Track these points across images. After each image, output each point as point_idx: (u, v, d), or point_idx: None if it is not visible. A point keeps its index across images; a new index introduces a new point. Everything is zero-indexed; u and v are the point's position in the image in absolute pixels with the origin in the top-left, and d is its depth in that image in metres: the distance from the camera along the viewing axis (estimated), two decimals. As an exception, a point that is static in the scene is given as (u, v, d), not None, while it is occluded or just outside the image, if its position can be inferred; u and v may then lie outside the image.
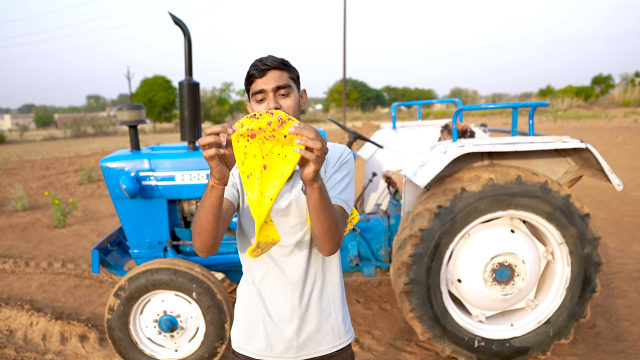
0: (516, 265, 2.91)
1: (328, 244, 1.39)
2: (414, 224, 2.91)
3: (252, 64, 1.48)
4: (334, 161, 1.56)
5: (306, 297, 1.56)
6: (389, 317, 3.75)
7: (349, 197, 1.51)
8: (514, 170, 2.87)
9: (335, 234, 1.36)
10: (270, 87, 1.44)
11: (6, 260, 5.56)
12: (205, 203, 1.29)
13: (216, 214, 1.31)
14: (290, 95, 1.47)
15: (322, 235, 1.36)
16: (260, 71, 1.44)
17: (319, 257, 1.58)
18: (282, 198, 1.52)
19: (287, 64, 1.48)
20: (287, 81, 1.46)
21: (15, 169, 15.90)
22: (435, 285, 2.93)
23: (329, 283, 1.60)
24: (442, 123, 4.39)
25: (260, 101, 1.47)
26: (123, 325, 2.94)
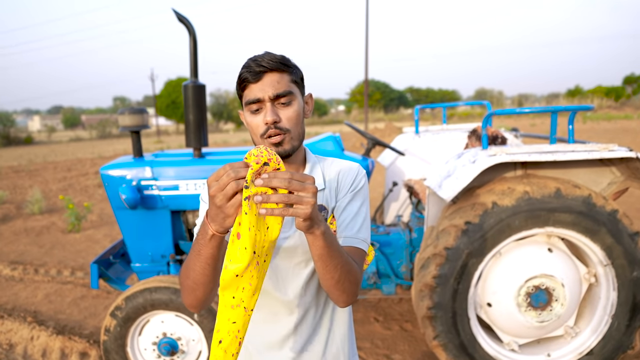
0: (554, 289, 2.58)
1: (342, 296, 1.13)
2: (438, 242, 2.61)
3: (244, 64, 1.20)
4: (346, 187, 1.27)
5: (310, 347, 1.29)
6: (410, 339, 3.45)
7: (367, 234, 1.24)
8: (552, 182, 2.54)
9: (348, 284, 1.10)
10: (267, 96, 1.16)
11: (16, 266, 5.44)
12: (202, 255, 1.01)
13: (216, 266, 1.03)
14: (292, 103, 1.20)
15: (333, 287, 1.10)
16: (254, 74, 1.16)
17: (328, 301, 1.31)
18: (284, 229, 1.25)
19: (288, 63, 1.20)
20: (287, 87, 1.18)
21: (38, 170, 16.04)
22: (462, 310, 2.63)
23: (337, 328, 1.32)
24: (468, 127, 4.07)
25: (255, 112, 1.19)
26: (120, 348, 2.71)
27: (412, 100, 63.82)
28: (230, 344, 1.00)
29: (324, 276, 1.07)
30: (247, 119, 1.22)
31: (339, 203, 1.26)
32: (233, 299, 0.98)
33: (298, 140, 1.23)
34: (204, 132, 3.04)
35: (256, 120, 1.19)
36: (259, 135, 1.20)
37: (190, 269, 1.05)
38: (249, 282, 0.97)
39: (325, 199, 1.27)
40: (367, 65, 23.82)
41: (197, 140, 3.00)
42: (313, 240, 1.01)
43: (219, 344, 1.00)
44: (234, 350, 1.01)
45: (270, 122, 1.17)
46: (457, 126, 4.20)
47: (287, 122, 1.19)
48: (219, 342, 0.99)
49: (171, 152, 3.30)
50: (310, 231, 0.98)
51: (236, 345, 1.00)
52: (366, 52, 23.62)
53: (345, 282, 1.09)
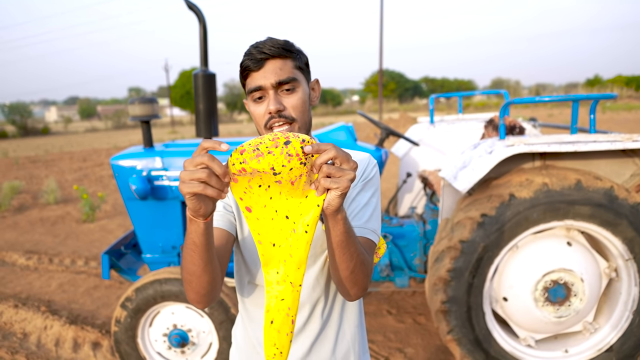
0: (573, 284, 2.50)
1: (354, 289, 1.08)
2: (453, 234, 2.55)
3: (246, 51, 1.15)
4: (357, 177, 1.22)
5: (319, 345, 1.24)
6: (423, 333, 3.39)
7: (377, 225, 1.19)
8: (573, 174, 2.46)
9: (361, 276, 1.06)
10: (270, 83, 1.11)
11: (31, 256, 5.48)
12: (187, 241, 0.97)
13: (203, 254, 0.97)
14: (297, 90, 1.14)
15: (346, 279, 1.05)
16: (255, 62, 1.11)
17: (337, 297, 1.26)
18: None
19: (291, 48, 1.15)
20: (291, 73, 1.13)
21: (54, 160, 16.21)
22: (477, 305, 2.56)
23: (347, 325, 1.27)
24: (485, 117, 3.98)
25: (258, 100, 1.15)
26: (130, 339, 2.70)
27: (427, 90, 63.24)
28: (283, 323, 0.96)
29: (339, 266, 1.03)
30: (250, 108, 1.18)
31: (348, 193, 1.21)
32: (277, 274, 0.96)
33: (305, 129, 1.18)
34: (214, 122, 2.99)
35: (259, 109, 1.15)
36: (263, 126, 1.15)
37: (183, 258, 1.01)
38: (289, 253, 0.95)
39: None
40: (381, 54, 23.59)
41: (208, 130, 2.96)
42: (334, 225, 0.96)
43: (270, 325, 0.96)
44: (288, 329, 0.97)
45: (274, 111, 1.12)
46: (473, 116, 4.10)
47: (292, 110, 1.14)
48: (271, 322, 0.96)
49: (182, 142, 3.27)
50: (336, 214, 0.94)
51: (289, 323, 0.97)
52: (380, 42, 23.39)
53: (359, 273, 1.05)
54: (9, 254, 5.60)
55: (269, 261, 0.96)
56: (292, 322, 0.97)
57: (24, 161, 16.29)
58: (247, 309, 1.27)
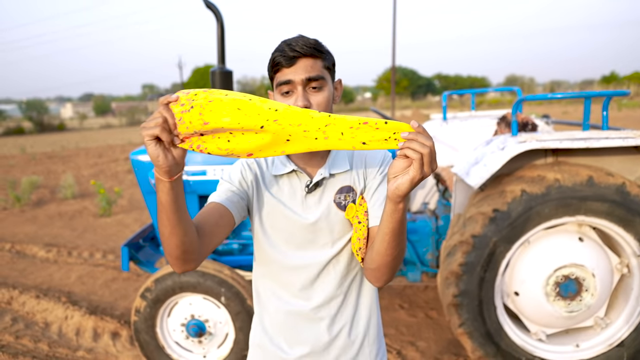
0: (584, 279, 2.53)
1: (387, 275, 1.17)
2: (465, 229, 2.59)
3: (278, 47, 1.21)
4: (374, 169, 1.29)
5: (334, 332, 1.30)
6: (435, 327, 3.44)
7: None
8: (585, 170, 2.48)
9: (397, 264, 1.15)
10: (300, 79, 1.18)
11: (51, 249, 5.62)
12: (157, 200, 1.03)
13: (170, 215, 1.02)
14: (324, 89, 1.21)
15: (387, 265, 1.14)
16: (288, 59, 1.17)
17: (354, 283, 1.32)
18: (310, 210, 1.26)
19: (321, 49, 1.21)
20: (320, 72, 1.20)
21: (70, 156, 16.46)
22: (488, 298, 2.60)
23: (362, 313, 1.33)
24: (497, 114, 4.00)
25: (286, 94, 1.21)
26: (149, 328, 2.78)
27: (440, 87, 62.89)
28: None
29: (385, 251, 1.10)
30: (277, 100, 1.23)
31: (368, 185, 1.28)
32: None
33: None
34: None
35: (287, 102, 1.20)
36: None
37: (159, 225, 1.06)
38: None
39: (352, 181, 1.29)
40: (394, 51, 23.54)
41: (225, 126, 3.03)
42: (393, 211, 1.04)
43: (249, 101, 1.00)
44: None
45: (301, 107, 1.17)
46: (486, 113, 4.12)
47: (317, 107, 1.20)
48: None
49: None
50: (399, 201, 1.02)
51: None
52: (393, 38, 23.33)
53: (398, 261, 1.13)
54: (29, 247, 5.75)
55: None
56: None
57: (41, 157, 16.58)
58: (260, 300, 1.35)
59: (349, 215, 1.25)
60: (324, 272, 1.28)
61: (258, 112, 0.97)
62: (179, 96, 0.99)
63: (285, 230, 1.27)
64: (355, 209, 1.25)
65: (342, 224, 1.27)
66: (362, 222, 1.23)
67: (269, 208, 1.27)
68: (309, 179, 1.27)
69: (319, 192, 1.27)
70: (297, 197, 1.27)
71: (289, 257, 1.28)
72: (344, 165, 1.28)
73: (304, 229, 1.26)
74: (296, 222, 1.26)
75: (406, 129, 0.98)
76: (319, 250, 1.27)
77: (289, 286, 1.29)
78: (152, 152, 0.96)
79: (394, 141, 0.99)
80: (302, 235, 1.26)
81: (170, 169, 0.98)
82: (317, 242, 1.27)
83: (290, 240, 1.27)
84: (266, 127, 0.98)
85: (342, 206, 1.26)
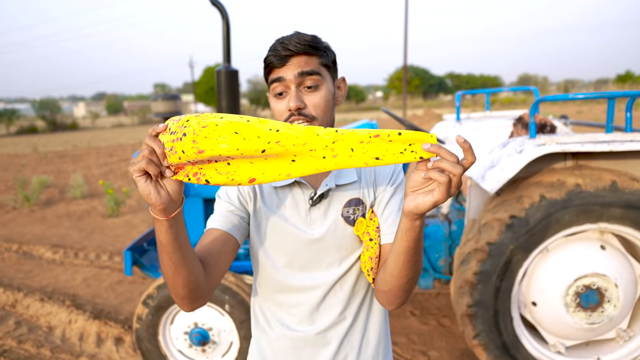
0: (606, 289, 2.40)
1: (401, 298, 1.07)
2: (480, 236, 2.47)
3: (271, 46, 1.10)
4: (385, 180, 1.17)
5: (342, 352, 1.19)
6: (447, 335, 3.32)
7: None
8: (608, 175, 2.35)
9: (412, 285, 1.04)
10: (292, 75, 1.06)
11: (57, 250, 5.58)
12: (156, 240, 0.94)
13: (171, 255, 0.94)
14: (320, 88, 1.09)
15: (401, 287, 1.03)
16: (280, 58, 1.07)
17: (363, 304, 1.21)
18: (314, 225, 1.15)
19: (318, 45, 1.09)
20: (315, 67, 1.08)
21: (81, 155, 16.53)
22: (504, 309, 2.48)
23: (371, 337, 1.22)
24: (513, 114, 3.86)
25: (279, 96, 1.10)
26: (152, 336, 2.70)
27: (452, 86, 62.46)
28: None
29: (399, 272, 1.00)
30: (271, 105, 1.13)
31: (379, 198, 1.17)
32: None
33: None
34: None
35: (280, 105, 1.10)
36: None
37: (160, 264, 0.98)
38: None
39: (361, 192, 1.17)
40: (406, 50, 23.35)
41: (230, 127, 2.93)
42: (409, 229, 0.93)
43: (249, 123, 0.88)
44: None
45: (294, 109, 1.07)
46: (501, 113, 3.99)
47: (312, 108, 1.08)
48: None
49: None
50: (416, 218, 0.91)
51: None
52: (405, 37, 23.14)
53: (413, 283, 1.03)
54: (36, 248, 5.71)
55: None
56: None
57: (52, 156, 16.66)
58: (258, 324, 1.25)
59: (358, 231, 1.14)
60: (330, 294, 1.17)
61: (258, 135, 0.85)
62: (168, 124, 0.88)
63: (287, 248, 1.16)
64: (366, 224, 1.14)
65: (350, 240, 1.15)
66: (374, 239, 1.12)
67: (269, 224, 1.17)
68: (313, 191, 1.15)
69: (324, 205, 1.15)
70: (300, 211, 1.16)
71: (292, 278, 1.17)
72: (351, 175, 1.17)
73: (308, 246, 1.15)
74: (299, 239, 1.15)
75: (424, 139, 0.85)
76: (324, 270, 1.16)
77: (292, 310, 1.19)
78: (142, 189, 0.86)
79: (411, 154, 0.86)
80: (306, 254, 1.15)
81: (165, 207, 0.88)
82: (322, 260, 1.16)
83: (294, 260, 1.16)
84: (268, 151, 0.86)
85: (350, 221, 1.15)
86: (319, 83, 1.09)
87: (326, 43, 1.14)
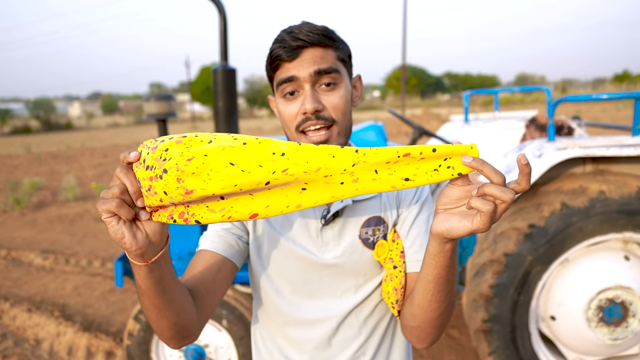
0: (631, 303, 2.24)
1: (434, 334, 0.90)
2: (496, 246, 2.30)
3: (277, 37, 0.92)
4: (409, 194, 1.00)
5: None
6: (457, 348, 3.15)
7: None
8: (634, 181, 2.19)
9: (447, 319, 0.88)
10: (307, 74, 0.88)
11: (48, 256, 5.38)
12: (135, 282, 0.79)
13: (153, 300, 0.78)
14: (339, 86, 0.91)
15: (432, 321, 0.86)
16: (289, 50, 0.88)
17: (385, 338, 1.05)
18: (327, 248, 0.98)
19: (333, 36, 0.92)
20: (332, 63, 0.90)
21: (75, 155, 16.29)
22: (522, 324, 2.32)
23: None
24: (523, 115, 3.70)
25: (289, 96, 0.92)
26: (144, 354, 2.52)
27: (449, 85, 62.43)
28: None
29: (429, 305, 0.84)
30: (279, 107, 0.95)
31: (403, 216, 1.00)
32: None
33: (345, 136, 0.96)
34: (234, 119, 2.79)
35: (290, 108, 0.92)
36: (294, 128, 0.92)
37: (141, 306, 0.85)
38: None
39: (382, 209, 1.00)
40: (404, 49, 23.19)
41: (227, 127, 2.75)
42: (439, 254, 0.77)
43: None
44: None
45: (311, 111, 0.89)
46: (511, 114, 3.83)
47: (332, 110, 0.91)
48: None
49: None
50: (446, 242, 0.75)
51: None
52: (404, 36, 22.98)
53: (446, 316, 0.87)
54: (26, 254, 5.51)
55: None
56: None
57: (45, 156, 16.41)
58: (264, 320, 1.08)
59: (380, 257, 0.97)
60: (344, 326, 1.00)
61: (259, 163, 0.67)
62: (141, 153, 0.69)
63: (294, 274, 0.99)
64: (388, 247, 0.97)
65: (370, 266, 0.99)
66: (399, 267, 0.95)
67: (274, 246, 1.00)
68: (326, 208, 0.98)
69: (338, 225, 0.98)
70: (311, 231, 0.99)
71: (299, 309, 1.00)
72: None
73: (320, 272, 0.98)
74: (309, 264, 0.98)
75: (463, 151, 0.68)
76: (338, 298, 1.00)
77: (300, 346, 1.01)
78: (113, 232, 0.68)
79: (447, 170, 0.69)
80: (317, 280, 0.99)
81: (143, 252, 0.71)
82: (336, 288, 0.99)
83: (302, 288, 1.00)
84: (273, 182, 0.68)
85: (369, 243, 0.98)
86: (338, 80, 0.92)
87: (339, 35, 0.97)
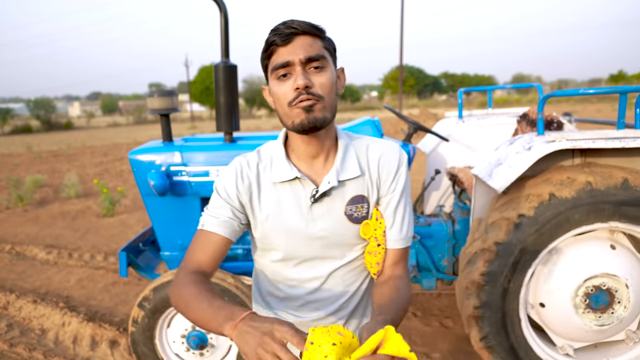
0: (617, 290, 2.33)
1: None
2: (487, 236, 2.39)
3: (272, 28, 1.06)
4: (390, 177, 1.15)
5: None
6: (450, 336, 3.25)
7: (412, 228, 1.16)
8: (619, 172, 2.28)
9: (403, 315, 1.05)
10: (299, 59, 1.02)
11: (51, 250, 5.47)
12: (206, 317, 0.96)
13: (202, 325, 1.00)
14: (326, 69, 1.05)
15: None
16: (283, 37, 1.02)
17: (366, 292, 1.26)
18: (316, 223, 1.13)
19: (321, 29, 1.07)
20: (320, 51, 1.05)
21: (76, 154, 16.37)
22: (512, 311, 2.41)
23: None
24: (515, 112, 3.80)
25: (282, 77, 1.05)
26: (148, 340, 2.61)
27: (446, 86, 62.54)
28: None
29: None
30: (273, 89, 1.08)
31: (384, 198, 1.15)
32: None
33: (330, 112, 1.08)
34: (235, 116, 2.88)
35: (284, 87, 1.05)
36: (287, 103, 1.05)
37: (184, 304, 1.01)
38: None
39: (365, 189, 1.14)
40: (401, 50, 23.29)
41: (229, 124, 2.85)
42: None
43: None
44: None
45: (302, 87, 1.02)
46: (503, 110, 3.92)
47: (319, 88, 1.04)
48: None
49: (201, 137, 3.17)
50: None
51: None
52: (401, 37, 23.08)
53: (401, 319, 1.03)
54: (30, 248, 5.60)
55: None
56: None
57: (46, 155, 16.50)
58: (262, 295, 1.28)
59: (366, 235, 1.13)
60: (330, 282, 1.19)
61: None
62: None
63: (287, 245, 1.14)
64: (373, 227, 1.12)
65: (354, 238, 1.15)
66: (382, 245, 1.13)
67: (269, 220, 1.14)
68: (315, 188, 1.12)
69: (326, 202, 1.12)
70: (302, 207, 1.13)
71: (292, 271, 1.18)
72: (355, 170, 1.13)
73: (310, 243, 1.13)
74: (301, 236, 1.13)
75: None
76: (325, 262, 1.17)
77: (292, 302, 1.21)
78: None
79: None
80: (307, 251, 1.14)
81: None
82: (324, 256, 1.16)
83: (294, 256, 1.16)
84: None
85: (354, 218, 1.13)
86: (325, 65, 1.06)
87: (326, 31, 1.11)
